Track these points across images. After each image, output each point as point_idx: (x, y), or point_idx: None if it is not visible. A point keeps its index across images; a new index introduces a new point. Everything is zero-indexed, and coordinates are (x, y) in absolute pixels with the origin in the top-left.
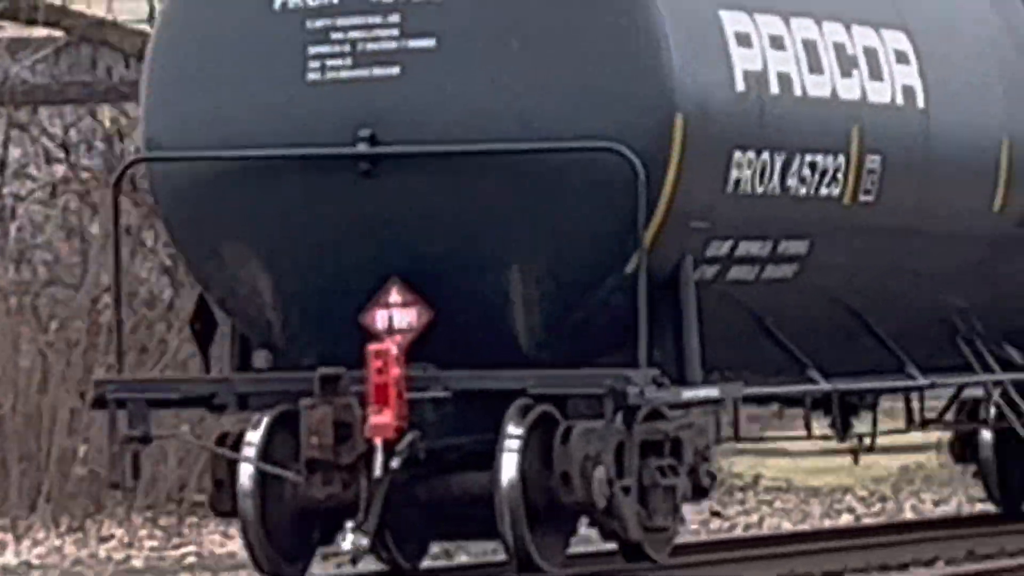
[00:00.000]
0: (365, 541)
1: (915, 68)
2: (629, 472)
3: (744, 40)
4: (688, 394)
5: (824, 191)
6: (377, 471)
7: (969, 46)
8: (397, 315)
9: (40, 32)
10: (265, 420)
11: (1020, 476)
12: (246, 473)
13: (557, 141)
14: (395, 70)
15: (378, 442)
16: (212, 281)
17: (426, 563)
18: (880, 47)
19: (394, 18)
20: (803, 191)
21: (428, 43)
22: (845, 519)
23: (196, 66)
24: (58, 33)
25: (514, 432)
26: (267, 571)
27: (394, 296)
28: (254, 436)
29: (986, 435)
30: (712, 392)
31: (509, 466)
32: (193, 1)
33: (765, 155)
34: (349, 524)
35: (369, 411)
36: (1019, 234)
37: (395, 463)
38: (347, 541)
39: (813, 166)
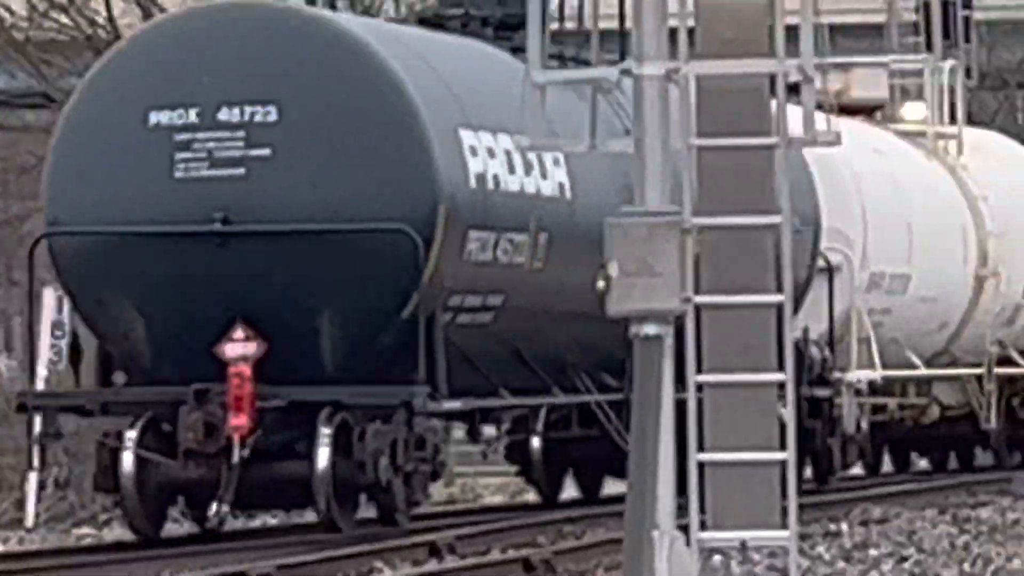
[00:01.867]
0: (226, 508)
1: (565, 169)
2: (403, 461)
3: (473, 151)
4: (447, 405)
5: (516, 259)
6: (235, 459)
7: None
8: (241, 347)
9: None
10: (140, 422)
11: (560, 473)
12: (127, 460)
13: (358, 223)
14: (241, 171)
15: (236, 438)
16: (97, 323)
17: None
18: (546, 154)
19: (240, 134)
20: (504, 259)
21: (265, 152)
22: None
23: (90, 165)
24: None
25: (325, 431)
26: (140, 530)
27: (238, 333)
28: (132, 433)
29: (535, 441)
30: (456, 404)
31: (323, 456)
32: (87, 115)
33: (486, 233)
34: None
35: (229, 415)
36: None
37: (246, 453)
38: (214, 509)
39: (511, 241)
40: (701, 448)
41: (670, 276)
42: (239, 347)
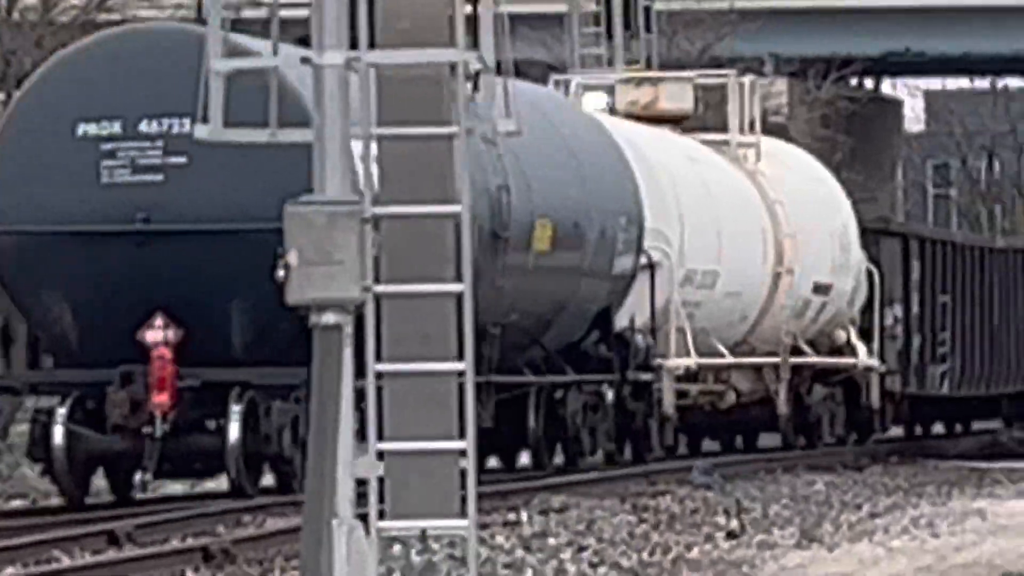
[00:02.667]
0: (149, 476)
1: None
2: (304, 435)
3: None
4: None
5: None
6: (157, 433)
7: None
8: (160, 333)
9: None
10: (69, 400)
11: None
12: (58, 433)
13: (262, 223)
14: (160, 177)
15: (158, 414)
16: (30, 312)
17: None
18: None
19: (159, 143)
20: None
21: (182, 159)
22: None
23: (25, 171)
24: None
25: (236, 408)
26: (68, 495)
27: (158, 321)
28: (62, 410)
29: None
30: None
31: (234, 430)
32: (22, 126)
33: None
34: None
35: (152, 393)
36: None
37: (167, 427)
38: (138, 477)
39: None
40: (381, 437)
41: (350, 265)
42: (159, 333)
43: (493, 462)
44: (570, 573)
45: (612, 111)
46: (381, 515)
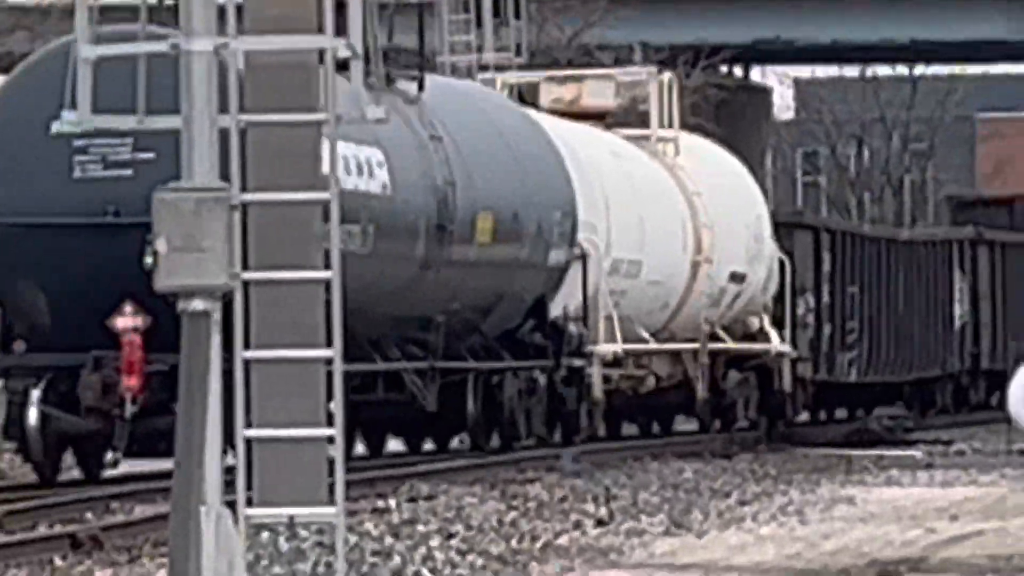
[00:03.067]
0: (119, 454)
1: (387, 169)
2: None
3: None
4: None
5: (350, 246)
6: (127, 414)
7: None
8: (130, 320)
9: None
10: (42, 383)
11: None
12: (32, 414)
13: None
14: (130, 172)
15: (128, 396)
16: (5, 299)
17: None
18: (372, 157)
19: (128, 140)
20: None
21: (150, 155)
22: None
23: (4, 158)
24: None
25: None
26: (40, 473)
27: (128, 309)
28: (36, 392)
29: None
30: None
31: None
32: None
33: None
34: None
35: (123, 377)
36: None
37: (136, 409)
38: (110, 455)
39: (348, 232)
40: (249, 424)
41: (217, 252)
42: (129, 320)
43: (396, 445)
44: (438, 560)
45: (536, 108)
46: (249, 502)
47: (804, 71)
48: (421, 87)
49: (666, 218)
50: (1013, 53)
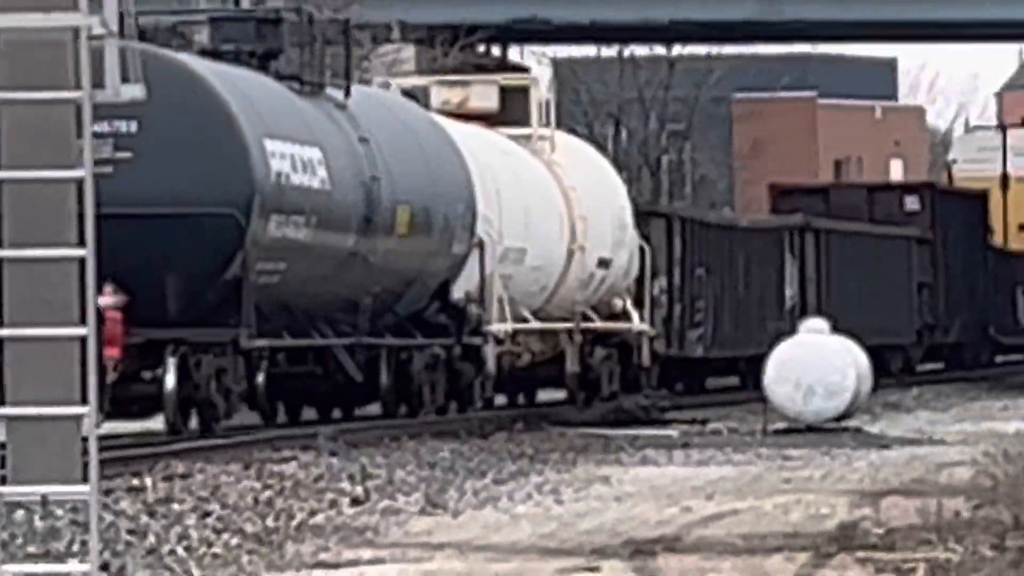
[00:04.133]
0: (100, 417)
1: (325, 167)
2: (229, 383)
3: (272, 155)
4: (259, 343)
5: (297, 235)
6: (108, 380)
7: (348, 154)
8: (111, 299)
9: None
10: None
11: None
12: None
13: (197, 208)
14: (110, 168)
15: (110, 366)
16: None
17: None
18: (314, 157)
19: (109, 141)
20: (290, 235)
21: (128, 154)
22: None
23: None
24: None
25: (172, 361)
26: None
27: (108, 288)
28: None
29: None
30: (263, 342)
31: (170, 380)
32: None
33: (282, 216)
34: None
35: (105, 348)
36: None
37: (116, 376)
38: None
39: (295, 223)
40: (2, 402)
41: None
42: (110, 299)
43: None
44: (194, 539)
45: (427, 109)
46: (3, 481)
47: (562, 51)
48: (347, 94)
49: (546, 210)
50: (769, 34)
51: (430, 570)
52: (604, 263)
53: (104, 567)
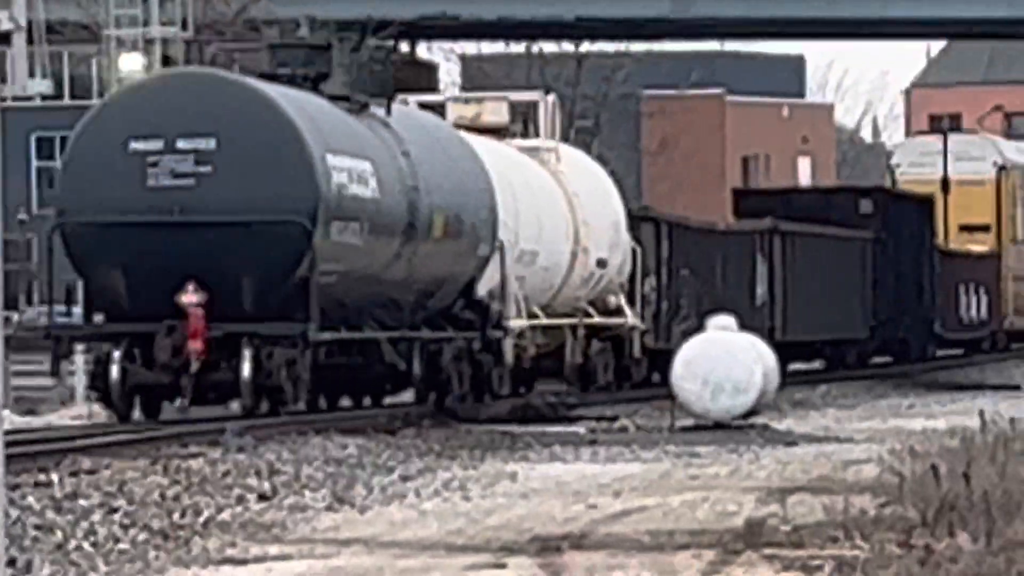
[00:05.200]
0: (187, 402)
1: (375, 179)
2: (300, 373)
3: (334, 168)
4: (324, 335)
5: (353, 240)
6: (192, 370)
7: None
8: (193, 297)
9: None
10: (122, 346)
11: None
12: (115, 370)
13: (268, 216)
14: (192, 181)
15: (193, 356)
16: (91, 282)
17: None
18: (366, 170)
19: (191, 156)
20: (348, 240)
21: (208, 168)
22: None
23: (89, 176)
24: None
25: (247, 352)
26: (123, 416)
27: (191, 287)
28: (117, 353)
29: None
30: (326, 335)
31: (246, 369)
32: (88, 143)
33: (342, 223)
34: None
35: (189, 341)
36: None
37: (198, 366)
38: (178, 403)
39: (353, 229)
40: None
41: None
42: (192, 297)
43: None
44: (100, 535)
45: None
46: None
47: (470, 47)
48: (389, 112)
49: (554, 215)
50: (677, 31)
51: (337, 566)
52: (602, 263)
53: (11, 562)
